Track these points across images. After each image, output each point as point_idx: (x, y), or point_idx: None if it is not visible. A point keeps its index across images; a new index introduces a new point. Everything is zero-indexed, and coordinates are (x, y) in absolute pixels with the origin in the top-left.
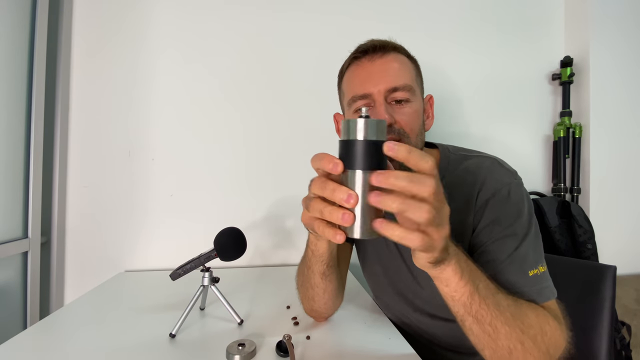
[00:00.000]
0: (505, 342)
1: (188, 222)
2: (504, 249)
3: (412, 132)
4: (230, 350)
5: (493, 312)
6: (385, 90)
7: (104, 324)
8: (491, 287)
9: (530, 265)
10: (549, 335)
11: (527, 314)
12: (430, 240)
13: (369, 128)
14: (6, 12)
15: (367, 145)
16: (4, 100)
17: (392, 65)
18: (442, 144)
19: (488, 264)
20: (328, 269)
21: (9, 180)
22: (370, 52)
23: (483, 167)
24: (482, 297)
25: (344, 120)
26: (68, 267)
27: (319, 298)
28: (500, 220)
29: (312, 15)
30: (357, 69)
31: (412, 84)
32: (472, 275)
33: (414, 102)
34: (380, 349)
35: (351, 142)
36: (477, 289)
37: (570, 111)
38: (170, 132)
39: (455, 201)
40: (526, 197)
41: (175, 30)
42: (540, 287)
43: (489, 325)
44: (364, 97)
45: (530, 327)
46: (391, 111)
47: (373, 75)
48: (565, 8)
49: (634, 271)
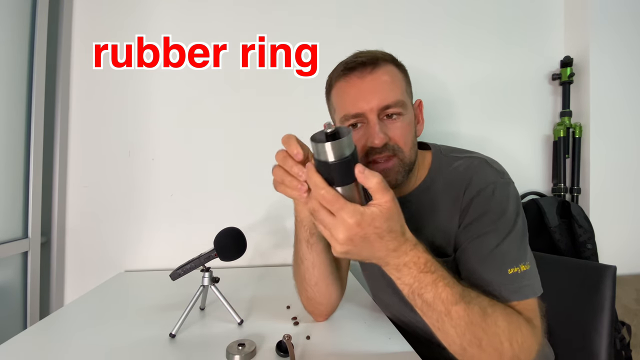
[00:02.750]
0: (456, 339)
1: (188, 222)
2: (484, 246)
3: (406, 145)
4: (230, 350)
5: (438, 316)
6: (378, 108)
7: (104, 324)
8: (447, 298)
9: (510, 263)
10: (519, 342)
11: (496, 322)
12: (347, 256)
13: (336, 150)
14: (6, 12)
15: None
16: (4, 100)
17: (382, 80)
18: (435, 144)
19: (468, 261)
20: (312, 237)
21: (9, 180)
22: (360, 68)
23: (471, 168)
24: (424, 301)
25: (312, 145)
26: (68, 267)
27: (309, 275)
28: (483, 217)
29: (305, 17)
30: (347, 86)
31: (403, 97)
32: (418, 284)
33: (406, 115)
34: (380, 349)
35: (322, 162)
36: (421, 296)
37: (570, 111)
38: (170, 132)
39: (445, 202)
40: (513, 197)
41: (175, 30)
42: (518, 286)
43: (436, 322)
44: (356, 116)
45: (494, 335)
46: (385, 129)
47: (364, 93)
48: (565, 8)
49: (634, 271)
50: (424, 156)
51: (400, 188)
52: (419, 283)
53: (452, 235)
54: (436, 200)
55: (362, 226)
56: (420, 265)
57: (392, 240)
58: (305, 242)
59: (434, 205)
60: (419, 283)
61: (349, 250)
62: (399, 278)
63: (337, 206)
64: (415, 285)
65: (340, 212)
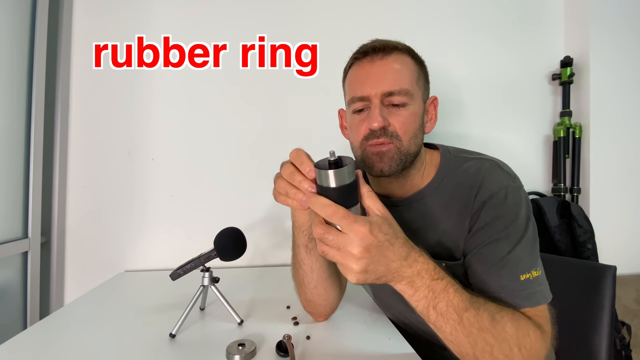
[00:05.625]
0: (469, 349)
1: (188, 222)
2: (497, 252)
3: (405, 135)
4: (230, 350)
5: (452, 326)
6: (382, 93)
7: (104, 324)
8: (458, 304)
9: (523, 269)
10: (527, 347)
11: (504, 328)
12: (365, 278)
13: (338, 178)
14: (6, 12)
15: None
16: (4, 100)
17: (391, 68)
18: (443, 145)
19: (480, 267)
20: (310, 241)
21: (9, 180)
22: (371, 53)
23: (482, 170)
24: (439, 312)
25: (316, 172)
26: (68, 267)
27: (308, 279)
28: (495, 222)
29: (305, 17)
30: (357, 70)
31: (411, 87)
32: (432, 294)
33: (411, 106)
34: (380, 349)
35: (324, 188)
36: (435, 307)
37: (570, 111)
38: (170, 132)
39: (455, 203)
40: (524, 201)
41: (175, 30)
42: (530, 292)
43: (450, 335)
44: (361, 99)
45: (504, 340)
46: (386, 114)
47: (371, 77)
48: (565, 8)
49: (634, 271)
50: (432, 155)
51: (407, 187)
52: (432, 293)
53: (462, 238)
54: (445, 201)
55: (374, 233)
56: (431, 272)
57: (402, 247)
58: (303, 247)
59: (443, 206)
60: (433, 293)
61: (366, 266)
62: (413, 295)
63: (349, 220)
64: (430, 296)
65: (352, 225)
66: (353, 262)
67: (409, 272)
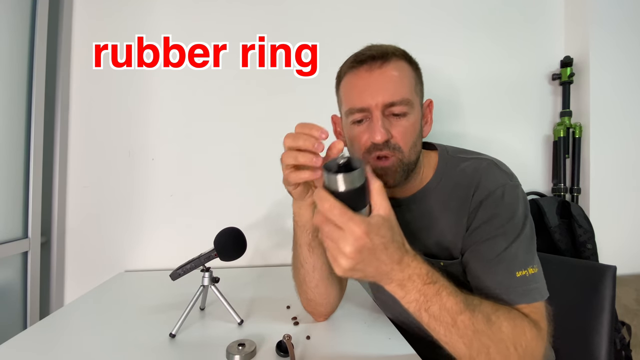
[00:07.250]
0: (465, 350)
1: (188, 222)
2: (493, 249)
3: (406, 145)
4: (230, 350)
5: (446, 328)
6: (383, 104)
7: (104, 324)
8: (452, 308)
9: (519, 266)
10: (524, 346)
11: (500, 328)
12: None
13: (347, 182)
14: (6, 12)
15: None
16: (4, 101)
17: (391, 76)
18: (441, 144)
19: (476, 263)
20: (314, 240)
21: (9, 180)
22: (369, 62)
23: (479, 169)
24: (432, 315)
25: (324, 174)
26: (68, 267)
27: (310, 278)
28: (492, 220)
29: (305, 17)
30: (354, 79)
31: (411, 96)
32: (424, 297)
33: (411, 115)
34: (380, 349)
35: (332, 191)
36: (427, 310)
37: (570, 111)
38: (170, 132)
39: (453, 203)
40: (522, 199)
41: (175, 30)
42: (526, 288)
43: (444, 336)
44: (361, 110)
45: (500, 341)
46: (388, 125)
47: (371, 87)
48: (565, 8)
49: (634, 271)
50: (430, 156)
51: (406, 188)
52: (424, 297)
53: (460, 237)
54: (444, 201)
55: (370, 236)
56: (423, 277)
57: (396, 251)
58: (306, 246)
59: (441, 206)
60: (425, 297)
61: (355, 265)
62: (403, 297)
63: (345, 217)
64: (421, 299)
65: (348, 223)
66: (342, 259)
67: (399, 275)
